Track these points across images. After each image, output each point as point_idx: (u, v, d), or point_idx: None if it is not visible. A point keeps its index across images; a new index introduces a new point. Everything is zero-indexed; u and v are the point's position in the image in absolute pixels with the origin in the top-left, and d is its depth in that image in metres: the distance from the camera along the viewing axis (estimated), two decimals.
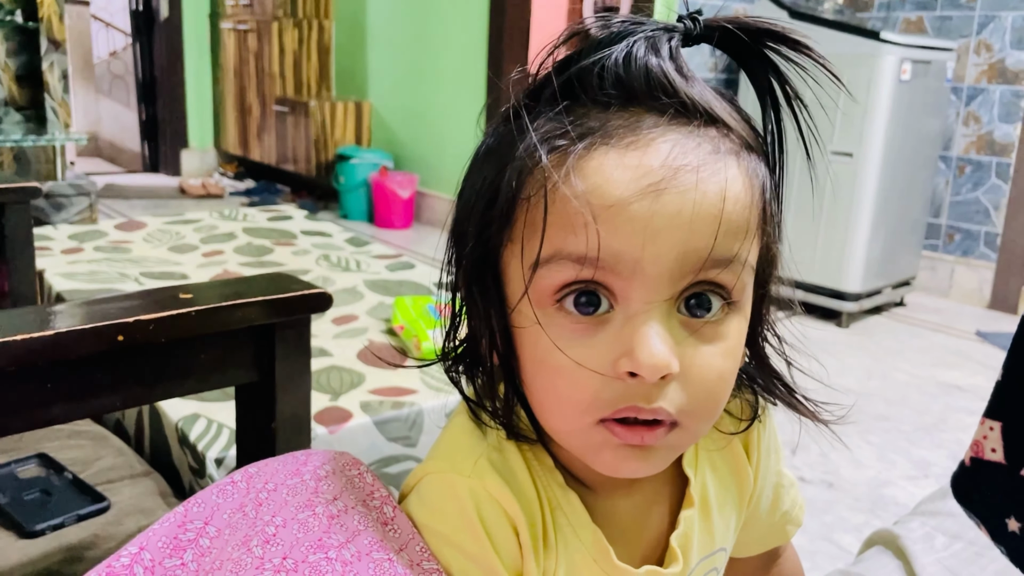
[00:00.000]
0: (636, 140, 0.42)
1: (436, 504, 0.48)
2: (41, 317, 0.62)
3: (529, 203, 0.43)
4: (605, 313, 0.43)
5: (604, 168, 0.42)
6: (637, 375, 0.42)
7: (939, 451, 2.00)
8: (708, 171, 0.42)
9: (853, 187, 2.83)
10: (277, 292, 0.71)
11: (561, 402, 0.45)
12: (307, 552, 0.45)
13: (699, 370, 0.44)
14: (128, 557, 0.46)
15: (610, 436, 0.44)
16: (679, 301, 0.44)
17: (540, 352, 0.44)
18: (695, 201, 0.41)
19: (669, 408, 0.43)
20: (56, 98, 3.25)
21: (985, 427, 0.63)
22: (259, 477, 0.50)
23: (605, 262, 0.42)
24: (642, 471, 0.46)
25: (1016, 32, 3.06)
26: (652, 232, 0.41)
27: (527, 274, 0.44)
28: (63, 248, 1.78)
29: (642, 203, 0.41)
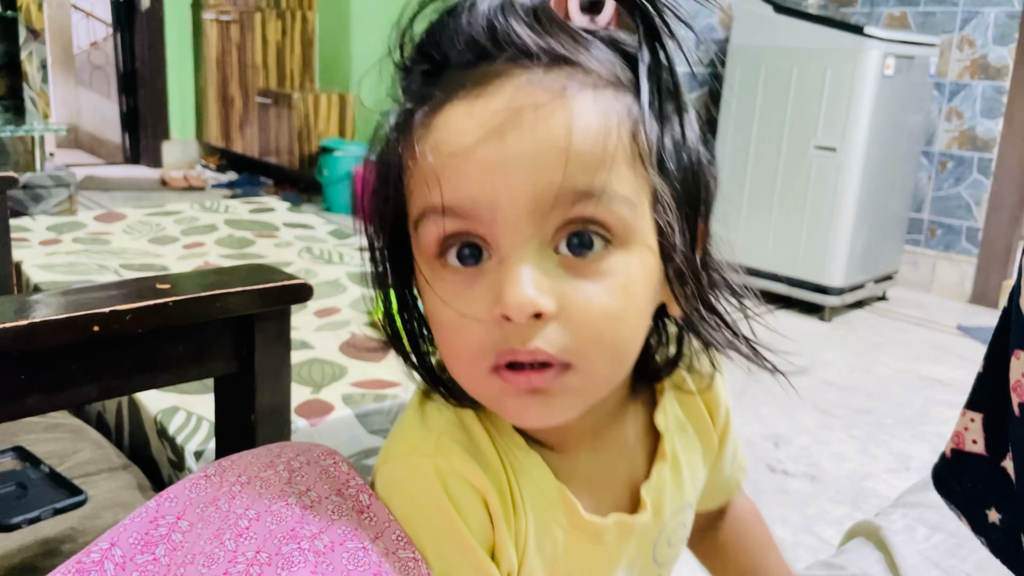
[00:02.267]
0: (483, 90, 0.43)
1: (403, 487, 0.48)
2: (16, 307, 0.61)
3: (401, 168, 0.46)
4: (486, 262, 0.44)
5: (451, 121, 0.43)
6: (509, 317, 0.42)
7: (921, 444, 2.01)
8: (551, 108, 0.42)
9: (836, 182, 2.84)
10: (256, 282, 0.70)
11: (455, 355, 0.46)
12: (280, 544, 0.44)
13: (581, 308, 0.43)
14: (99, 553, 0.45)
15: (504, 384, 0.44)
16: (557, 241, 0.43)
17: (433, 310, 0.46)
18: (539, 138, 0.42)
19: (548, 348, 0.42)
20: (35, 88, 3.21)
21: (966, 419, 0.63)
22: (231, 470, 0.50)
23: (464, 210, 0.43)
24: (546, 417, 0.45)
25: (998, 28, 3.08)
26: (501, 174, 0.42)
27: (414, 235, 0.46)
28: (41, 239, 1.76)
29: (487, 147, 0.42)
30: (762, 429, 2.04)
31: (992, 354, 0.61)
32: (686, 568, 0.66)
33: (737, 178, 3.13)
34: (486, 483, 0.47)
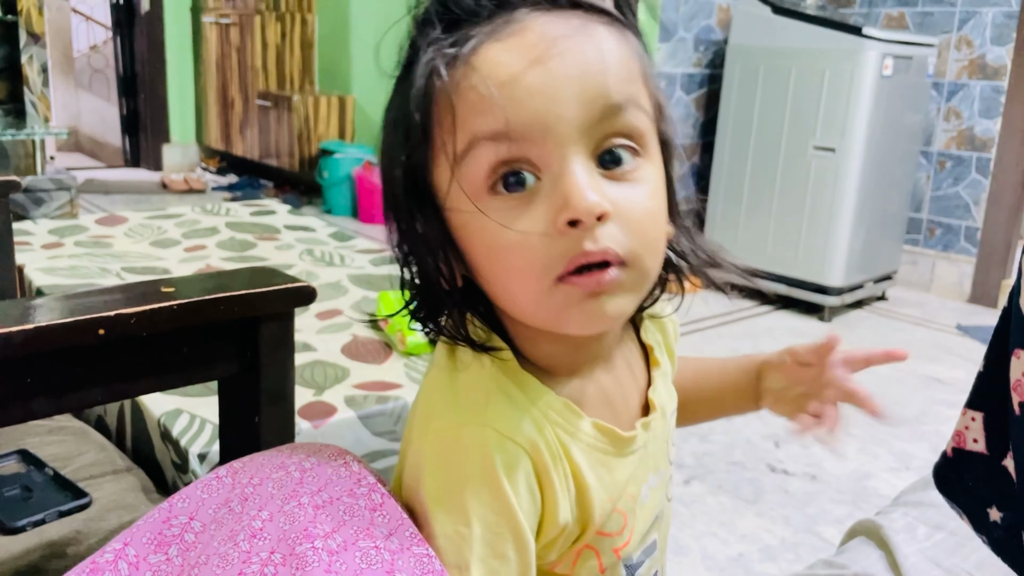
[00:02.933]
0: (513, 30, 0.48)
1: (454, 458, 0.50)
2: (21, 311, 0.61)
3: (440, 110, 0.49)
4: (534, 186, 0.48)
5: (491, 56, 0.48)
6: (578, 221, 0.46)
7: (921, 443, 2.01)
8: (582, 35, 0.48)
9: (835, 182, 2.84)
10: (260, 286, 0.70)
11: (519, 275, 0.49)
12: (294, 544, 0.45)
13: (629, 208, 0.48)
14: (112, 553, 0.46)
15: (571, 290, 0.48)
16: (595, 159, 0.48)
17: (488, 238, 0.49)
18: (577, 61, 0.47)
19: (614, 246, 0.47)
20: (35, 92, 3.21)
21: (967, 418, 0.64)
22: (244, 472, 0.50)
23: (518, 133, 0.47)
24: (609, 317, 0.50)
25: (996, 28, 3.09)
26: (549, 94, 0.47)
27: (454, 167, 0.48)
28: (43, 243, 1.76)
29: (532, 73, 0.47)
30: (762, 429, 2.04)
31: (992, 353, 0.61)
32: (687, 568, 0.67)
33: (736, 179, 3.13)
34: (536, 443, 0.50)
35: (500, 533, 0.49)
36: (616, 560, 0.56)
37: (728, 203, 3.17)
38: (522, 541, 0.49)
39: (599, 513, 0.54)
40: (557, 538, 0.53)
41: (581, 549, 0.55)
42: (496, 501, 0.49)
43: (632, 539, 0.57)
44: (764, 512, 1.69)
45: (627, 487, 0.56)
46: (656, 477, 0.60)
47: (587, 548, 0.55)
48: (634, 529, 0.57)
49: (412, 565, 0.46)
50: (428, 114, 0.49)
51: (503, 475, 0.49)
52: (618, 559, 0.56)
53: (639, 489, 0.57)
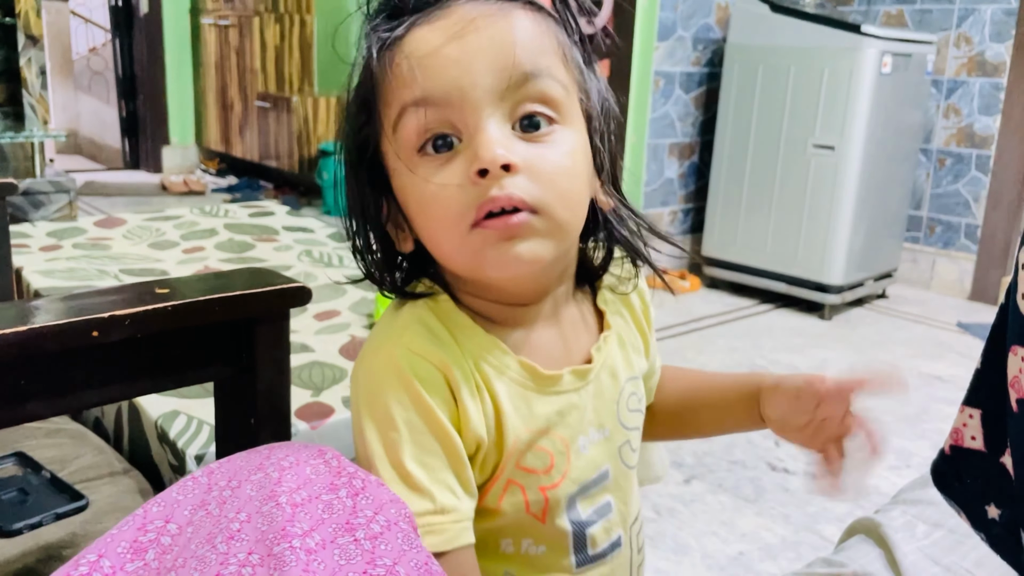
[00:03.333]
0: (440, 14, 0.55)
1: (375, 374, 0.57)
2: (15, 313, 0.61)
3: (377, 85, 0.56)
4: (459, 148, 0.54)
5: (417, 36, 0.55)
6: (485, 171, 0.52)
7: (921, 441, 2.01)
8: (498, 16, 0.55)
9: (835, 180, 2.84)
10: (255, 286, 0.70)
11: (441, 224, 0.55)
12: (271, 544, 0.45)
13: (539, 163, 0.54)
14: (87, 565, 0.45)
15: (486, 234, 0.54)
16: (513, 121, 0.55)
17: (417, 193, 0.56)
18: (491, 36, 0.54)
19: (520, 193, 0.53)
20: (34, 94, 3.21)
21: (964, 415, 0.64)
22: (221, 473, 0.50)
23: (437, 99, 0.53)
24: (524, 259, 0.55)
25: (995, 25, 3.08)
26: (464, 65, 0.53)
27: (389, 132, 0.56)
28: (41, 245, 1.76)
29: (450, 47, 0.53)
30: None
31: (990, 350, 0.61)
32: (687, 567, 0.67)
33: (736, 178, 3.13)
34: (446, 362, 0.56)
35: (425, 431, 0.55)
36: (542, 498, 0.60)
37: (728, 202, 3.16)
38: (447, 436, 0.56)
39: (512, 440, 0.58)
40: (475, 455, 0.58)
41: (507, 483, 0.59)
42: (415, 404, 0.55)
43: (563, 483, 0.61)
44: (764, 511, 1.68)
45: (553, 428, 0.61)
46: (599, 433, 0.64)
47: (512, 483, 0.59)
48: (566, 474, 0.61)
49: (401, 540, 0.48)
50: (372, 92, 0.57)
51: (417, 382, 0.55)
52: (545, 498, 0.60)
53: (573, 437, 0.62)
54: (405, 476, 0.54)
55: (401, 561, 0.46)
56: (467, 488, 0.57)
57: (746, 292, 3.16)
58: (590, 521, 0.63)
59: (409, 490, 0.54)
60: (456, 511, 0.55)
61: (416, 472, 0.54)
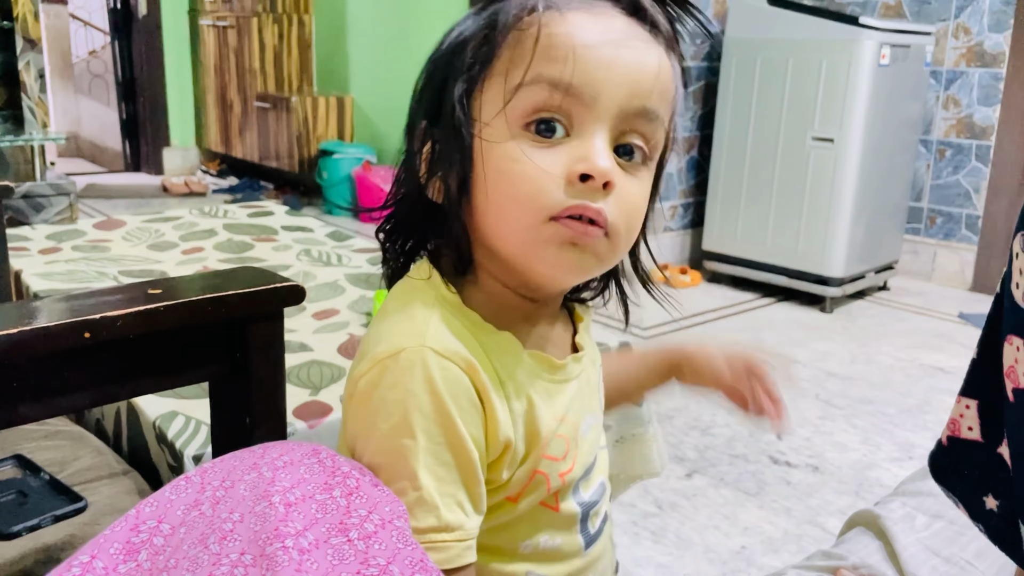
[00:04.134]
0: (602, 12, 0.56)
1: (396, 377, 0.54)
2: (6, 315, 0.61)
3: (519, 39, 0.55)
4: (560, 138, 0.55)
5: (580, 21, 0.55)
6: (589, 177, 0.53)
7: (923, 433, 2.01)
8: (651, 47, 0.56)
9: (834, 173, 2.84)
10: (248, 286, 0.70)
11: (521, 202, 0.55)
12: (264, 544, 0.44)
13: (627, 194, 0.56)
14: (79, 567, 0.45)
15: (559, 230, 0.54)
16: (614, 144, 0.56)
17: (507, 161, 0.55)
18: (642, 61, 0.55)
19: (608, 213, 0.55)
20: (33, 98, 3.22)
21: (961, 405, 0.63)
22: (214, 473, 0.50)
23: (575, 89, 0.54)
24: (575, 269, 0.57)
25: (993, 15, 3.07)
26: (612, 73, 0.54)
27: (508, 94, 0.55)
28: (40, 248, 1.76)
29: (608, 49, 0.54)
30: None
31: (986, 341, 0.61)
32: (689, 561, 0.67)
33: (735, 171, 3.12)
34: (472, 362, 0.55)
35: (443, 443, 0.53)
36: (560, 483, 0.61)
37: (727, 195, 3.16)
38: (465, 451, 0.54)
39: (545, 431, 0.59)
40: (503, 456, 0.57)
41: (533, 474, 0.59)
42: (437, 413, 0.53)
43: (575, 467, 0.62)
44: (766, 504, 1.68)
45: (568, 415, 0.62)
46: (593, 417, 0.66)
47: (537, 473, 0.60)
48: (576, 458, 0.62)
49: (395, 538, 0.47)
50: (504, 39, 0.56)
51: (443, 389, 0.53)
52: (563, 483, 0.61)
53: (580, 421, 0.63)
54: (416, 487, 0.53)
55: (395, 560, 0.46)
56: (476, 505, 0.56)
57: (747, 286, 3.16)
58: (592, 501, 0.65)
59: (417, 502, 0.53)
60: (461, 529, 0.54)
61: (427, 484, 0.53)
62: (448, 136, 0.58)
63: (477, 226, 0.59)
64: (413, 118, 0.62)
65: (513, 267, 0.58)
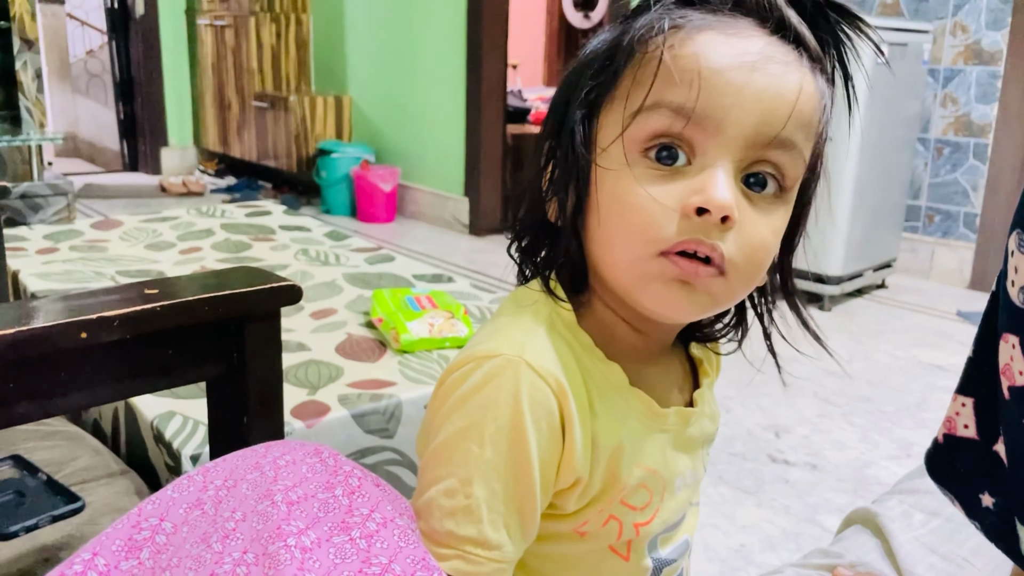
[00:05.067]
0: (738, 32, 0.51)
1: (483, 382, 0.52)
2: (4, 315, 0.61)
3: (642, 62, 0.52)
4: (681, 166, 0.51)
5: (711, 42, 0.51)
6: (705, 212, 0.49)
7: (922, 430, 2.01)
8: (793, 68, 0.52)
9: (832, 171, 2.83)
10: (245, 285, 0.70)
11: (631, 233, 0.52)
12: (267, 543, 0.44)
13: (751, 230, 0.52)
14: (81, 564, 0.45)
15: (667, 267, 0.51)
16: (742, 174, 0.52)
17: (620, 189, 0.52)
18: (779, 85, 0.51)
19: (723, 250, 0.50)
20: (30, 98, 3.21)
21: (957, 403, 0.63)
22: (216, 472, 0.50)
23: (697, 115, 0.50)
24: (684, 308, 0.53)
25: (991, 13, 3.07)
26: (741, 99, 0.50)
27: (627, 120, 0.52)
28: (38, 248, 1.76)
29: (738, 74, 0.50)
30: (763, 419, 2.04)
31: (982, 338, 0.61)
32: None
33: None
34: (564, 387, 0.52)
35: (508, 461, 0.51)
36: (635, 534, 0.58)
37: None
38: (528, 475, 0.51)
39: (627, 477, 0.56)
40: (572, 488, 0.54)
41: (608, 518, 0.57)
42: (513, 430, 0.51)
43: (655, 521, 0.59)
44: (765, 502, 1.68)
45: (657, 467, 0.58)
46: (691, 476, 0.62)
47: (612, 519, 0.57)
48: (658, 512, 0.59)
49: (397, 536, 0.47)
50: (629, 61, 0.53)
51: (527, 408, 0.51)
52: (637, 534, 0.58)
53: (672, 476, 0.60)
54: (467, 493, 0.51)
55: (397, 559, 0.46)
56: (525, 532, 0.53)
57: None
58: (669, 560, 0.62)
59: (463, 509, 0.51)
60: (499, 550, 0.51)
61: (478, 495, 0.51)
62: (566, 158, 0.55)
63: (589, 251, 0.56)
64: (542, 136, 0.59)
65: (622, 297, 0.56)
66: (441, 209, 3.99)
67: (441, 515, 0.51)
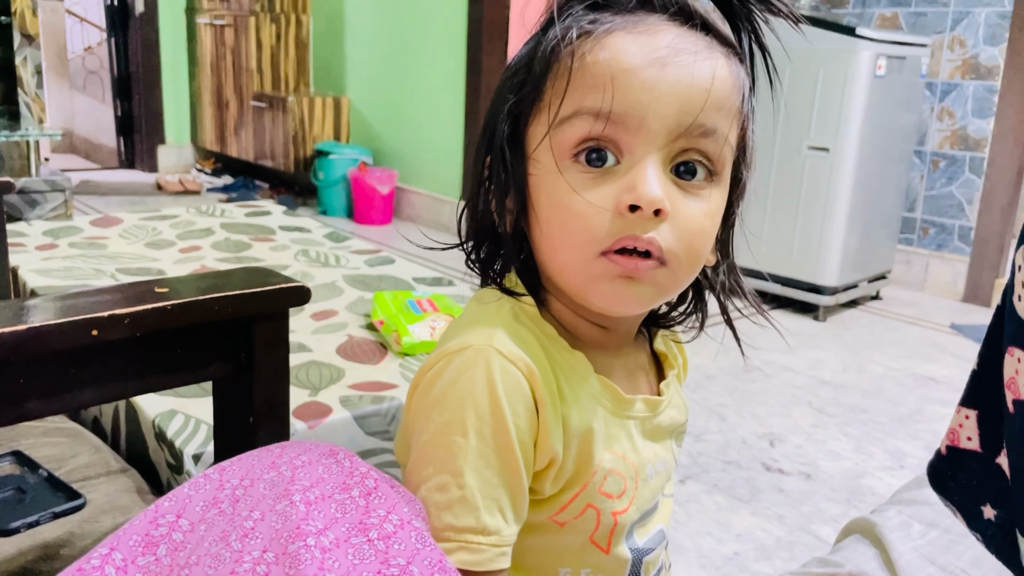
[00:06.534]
0: (647, 29, 0.53)
1: (458, 373, 0.54)
2: (14, 312, 0.61)
3: (558, 72, 0.54)
4: (611, 166, 0.53)
5: (620, 44, 0.53)
6: (637, 208, 0.52)
7: (915, 442, 2.02)
8: (703, 56, 0.53)
9: (829, 182, 2.85)
10: (254, 286, 0.70)
11: (571, 237, 0.54)
12: (286, 543, 0.45)
13: (685, 217, 0.54)
14: (99, 559, 0.45)
15: (609, 266, 0.53)
16: (671, 164, 0.54)
17: (556, 197, 0.54)
18: (691, 75, 0.52)
19: (660, 242, 0.53)
20: (29, 93, 3.21)
21: (961, 415, 0.64)
22: (232, 471, 0.50)
23: (617, 116, 0.52)
24: (632, 301, 0.55)
25: (989, 28, 3.09)
26: (657, 94, 0.52)
27: (554, 132, 0.54)
28: (37, 244, 1.76)
29: (650, 70, 0.52)
30: (757, 428, 2.04)
31: (986, 351, 0.61)
32: (682, 567, 0.68)
33: None
34: (533, 371, 0.54)
35: (493, 446, 0.53)
36: (612, 522, 0.60)
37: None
38: (512, 458, 0.53)
39: (599, 461, 0.58)
40: (547, 469, 0.56)
41: (586, 507, 0.58)
42: (493, 416, 0.53)
43: (631, 508, 0.61)
44: (759, 511, 1.69)
45: (626, 452, 0.60)
46: (661, 464, 0.64)
47: (590, 507, 0.59)
48: (634, 500, 0.61)
49: (414, 539, 0.47)
50: (546, 72, 0.55)
51: (502, 393, 0.53)
52: (614, 522, 0.60)
53: (642, 463, 0.62)
54: (460, 485, 0.52)
55: (415, 560, 0.46)
56: (517, 513, 0.55)
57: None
58: (647, 549, 0.64)
59: (459, 500, 0.52)
60: (499, 535, 0.53)
61: (471, 484, 0.52)
62: (499, 171, 0.57)
63: (538, 256, 0.58)
64: (479, 150, 0.61)
65: (572, 298, 0.58)
66: (438, 213, 3.99)
67: (437, 510, 0.52)
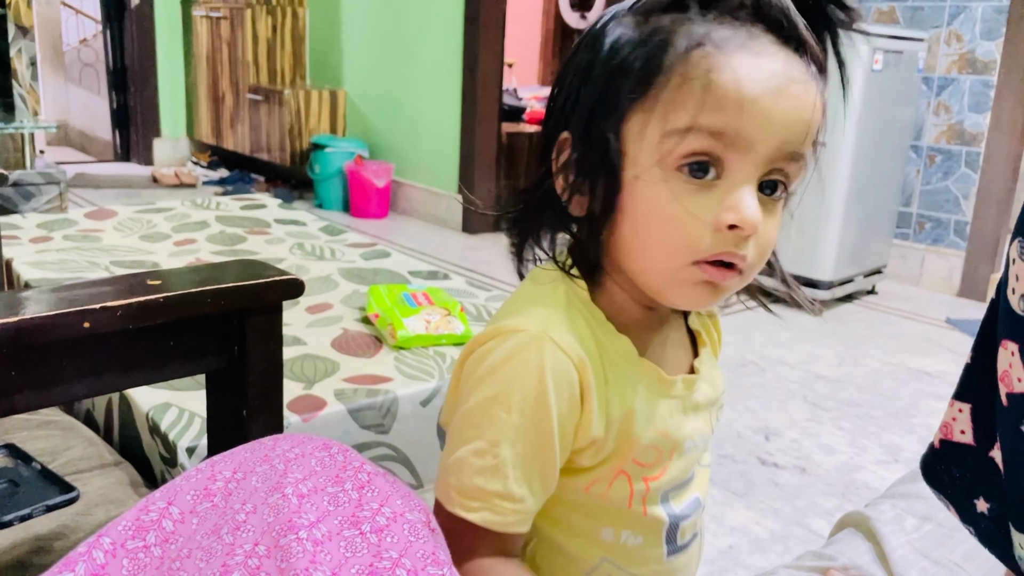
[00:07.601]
0: (761, 51, 0.55)
1: (508, 354, 0.56)
2: (6, 303, 0.61)
3: (680, 84, 0.54)
4: (711, 180, 0.55)
5: (744, 68, 0.54)
6: (737, 227, 0.54)
7: (909, 436, 2.02)
8: (809, 87, 0.56)
9: (825, 176, 2.85)
10: (248, 278, 0.70)
11: (666, 244, 0.56)
12: (278, 536, 0.45)
13: (765, 234, 0.57)
14: (85, 546, 0.45)
15: (699, 273, 0.56)
16: (759, 183, 0.56)
17: (655, 205, 0.56)
18: (799, 107, 0.55)
19: (748, 257, 0.56)
20: (24, 85, 3.19)
21: (954, 409, 0.64)
22: (224, 464, 0.50)
23: (730, 138, 0.54)
24: (708, 303, 0.58)
25: (986, 23, 3.09)
26: (769, 123, 0.54)
27: (664, 140, 0.55)
28: (32, 237, 1.75)
29: (768, 98, 0.54)
30: (752, 422, 2.04)
31: (980, 345, 0.61)
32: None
33: None
34: (584, 359, 0.57)
35: (533, 427, 0.56)
36: (644, 488, 0.62)
37: None
38: (550, 440, 0.56)
39: (637, 438, 0.61)
40: (587, 448, 0.59)
41: (618, 472, 0.61)
42: (538, 400, 0.55)
43: (664, 477, 0.63)
44: (754, 505, 1.69)
45: (668, 429, 0.63)
46: (701, 438, 0.67)
47: (622, 473, 0.61)
48: (667, 469, 0.64)
49: (407, 531, 0.48)
50: (668, 77, 0.55)
51: (550, 379, 0.55)
52: (647, 488, 0.63)
53: (682, 438, 0.64)
54: (495, 454, 0.56)
55: (407, 553, 0.46)
56: (544, 488, 0.58)
57: None
58: (684, 515, 0.66)
59: (492, 468, 0.56)
60: (522, 503, 0.57)
61: (506, 456, 0.56)
62: (595, 163, 0.58)
63: (616, 249, 0.60)
64: (552, 125, 0.61)
65: (645, 291, 0.60)
66: (434, 206, 3.98)
67: (471, 472, 0.56)
